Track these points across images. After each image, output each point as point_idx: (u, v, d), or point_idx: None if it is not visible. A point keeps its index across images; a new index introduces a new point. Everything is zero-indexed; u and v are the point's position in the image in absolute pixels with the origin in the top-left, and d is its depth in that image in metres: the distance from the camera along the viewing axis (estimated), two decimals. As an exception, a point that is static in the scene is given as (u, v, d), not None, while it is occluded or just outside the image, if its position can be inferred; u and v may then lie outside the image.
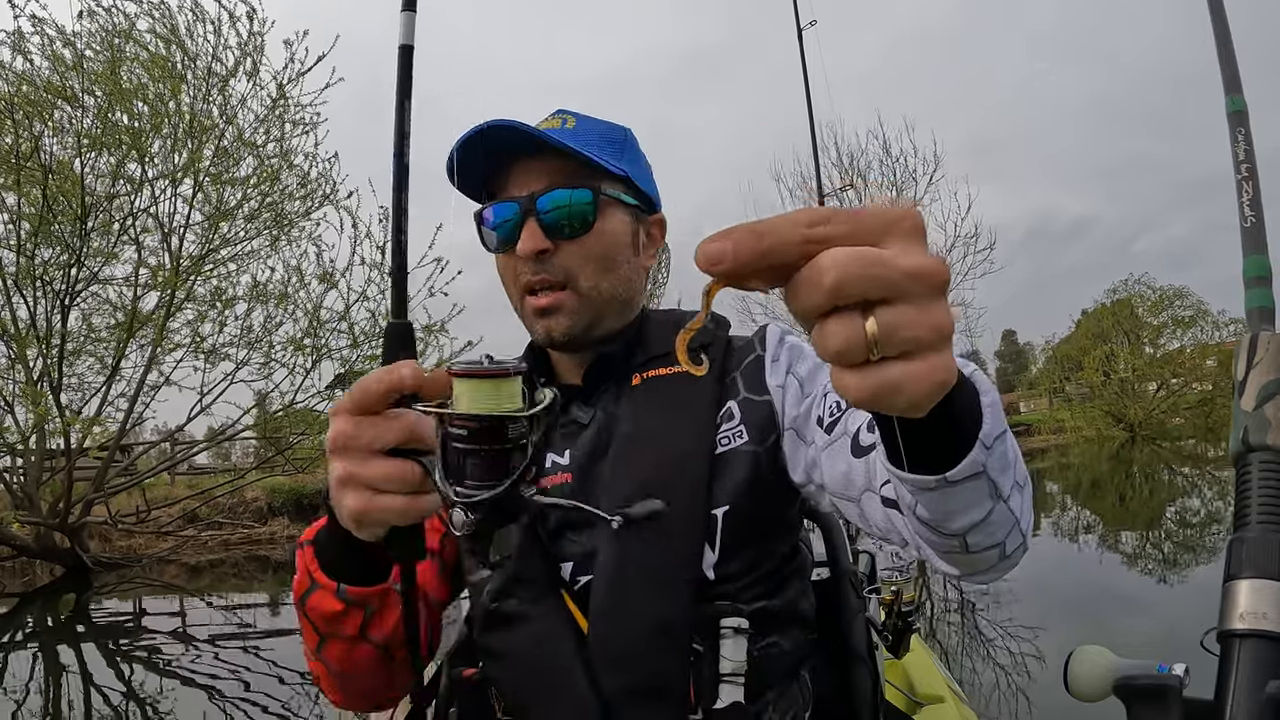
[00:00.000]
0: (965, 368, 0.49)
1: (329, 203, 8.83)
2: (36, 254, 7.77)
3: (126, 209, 8.30)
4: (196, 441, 11.05)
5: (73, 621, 6.42)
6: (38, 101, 7.32)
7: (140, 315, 8.34)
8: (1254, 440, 0.66)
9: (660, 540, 0.75)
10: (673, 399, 0.83)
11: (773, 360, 0.84)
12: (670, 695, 0.73)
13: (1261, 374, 0.68)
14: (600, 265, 0.84)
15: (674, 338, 0.87)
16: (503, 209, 0.83)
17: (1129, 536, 6.74)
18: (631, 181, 0.87)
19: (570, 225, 0.82)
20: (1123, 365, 25.61)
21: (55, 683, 4.49)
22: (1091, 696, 0.64)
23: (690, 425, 0.81)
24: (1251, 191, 0.77)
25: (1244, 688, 0.57)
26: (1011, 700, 2.98)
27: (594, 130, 0.87)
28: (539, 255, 0.81)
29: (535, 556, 0.79)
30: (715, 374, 0.84)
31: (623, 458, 0.80)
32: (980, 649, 3.59)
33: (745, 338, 0.90)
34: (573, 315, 0.83)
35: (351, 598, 0.70)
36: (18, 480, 8.56)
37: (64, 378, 8.49)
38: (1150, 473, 13.45)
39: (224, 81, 8.29)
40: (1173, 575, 5.04)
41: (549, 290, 0.82)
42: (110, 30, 7.73)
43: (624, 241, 0.87)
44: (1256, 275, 0.75)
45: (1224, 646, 0.60)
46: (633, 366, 0.87)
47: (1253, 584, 0.60)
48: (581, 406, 0.87)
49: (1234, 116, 0.80)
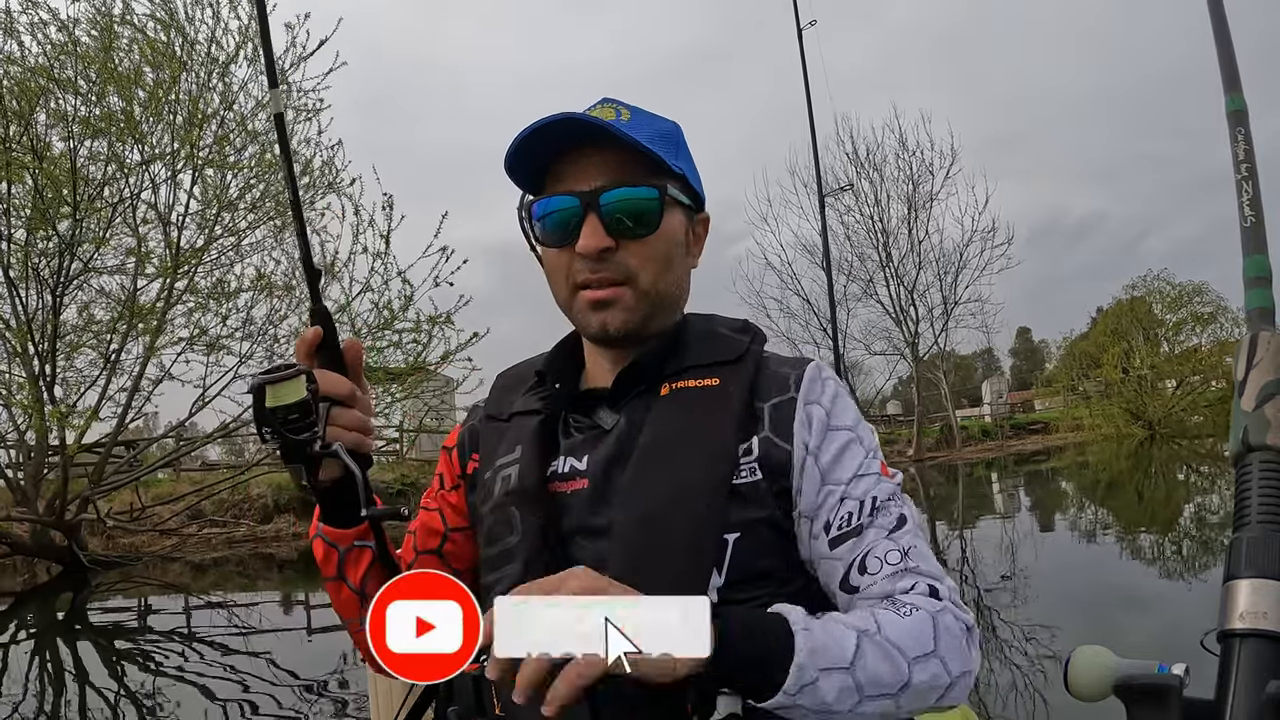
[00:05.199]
0: (798, 624, 0.63)
1: (333, 191, 8.59)
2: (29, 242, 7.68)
3: (119, 195, 8.12)
4: (198, 437, 10.79)
5: (69, 621, 6.40)
6: (25, 84, 7.19)
7: (140, 307, 8.20)
8: (1254, 440, 0.67)
9: (670, 555, 0.75)
10: (699, 415, 0.82)
11: (805, 409, 0.82)
12: (667, 703, 0.72)
13: (1261, 374, 0.69)
14: (660, 265, 0.83)
15: (711, 349, 0.87)
16: (560, 202, 0.81)
17: (1147, 536, 6.67)
18: (685, 179, 0.85)
19: (635, 224, 0.80)
20: (1138, 362, 25.36)
21: (49, 682, 4.49)
22: (1091, 696, 0.65)
23: (711, 443, 0.80)
24: (1251, 191, 0.77)
25: (1244, 688, 0.57)
26: (1028, 701, 2.97)
27: (650, 124, 0.85)
28: (601, 254, 0.80)
29: (546, 554, 0.79)
30: (743, 395, 0.83)
31: (641, 469, 0.79)
32: (996, 649, 3.58)
33: (783, 360, 0.88)
34: (629, 311, 0.82)
35: (326, 537, 0.83)
36: (15, 477, 8.43)
37: (60, 371, 8.37)
38: (1168, 471, 13.30)
39: (224, 68, 8.09)
40: (1191, 575, 4.99)
41: (607, 285, 0.81)
42: (104, 13, 7.55)
43: (680, 241, 0.86)
44: (1256, 275, 0.75)
45: (1224, 646, 0.60)
46: (664, 375, 0.85)
47: (1253, 584, 0.61)
48: (607, 412, 0.86)
49: (1233, 116, 0.80)
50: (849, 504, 0.77)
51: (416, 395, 9.43)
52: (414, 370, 8.45)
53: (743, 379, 0.84)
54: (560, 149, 0.82)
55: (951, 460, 21.95)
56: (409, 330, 8.20)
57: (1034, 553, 6.19)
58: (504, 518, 0.83)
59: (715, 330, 0.91)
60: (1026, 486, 13.08)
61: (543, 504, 0.82)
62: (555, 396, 0.90)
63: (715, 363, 0.86)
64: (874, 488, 0.79)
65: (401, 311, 8.13)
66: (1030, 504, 10.43)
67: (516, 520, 0.82)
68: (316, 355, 0.79)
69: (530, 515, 0.81)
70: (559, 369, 0.92)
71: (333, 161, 8.63)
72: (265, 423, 0.73)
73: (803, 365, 0.86)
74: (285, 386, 0.72)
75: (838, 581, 0.76)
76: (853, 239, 23.09)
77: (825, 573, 0.77)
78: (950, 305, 23.26)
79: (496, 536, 0.84)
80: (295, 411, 0.73)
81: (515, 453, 0.87)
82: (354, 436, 0.79)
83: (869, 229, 23.05)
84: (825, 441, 0.80)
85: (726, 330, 0.91)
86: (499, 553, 0.83)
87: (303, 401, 0.73)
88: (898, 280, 23.22)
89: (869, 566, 0.74)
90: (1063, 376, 31.49)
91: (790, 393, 0.83)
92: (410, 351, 8.25)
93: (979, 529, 7.94)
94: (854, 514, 0.77)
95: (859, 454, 0.81)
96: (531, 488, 0.83)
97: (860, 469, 0.80)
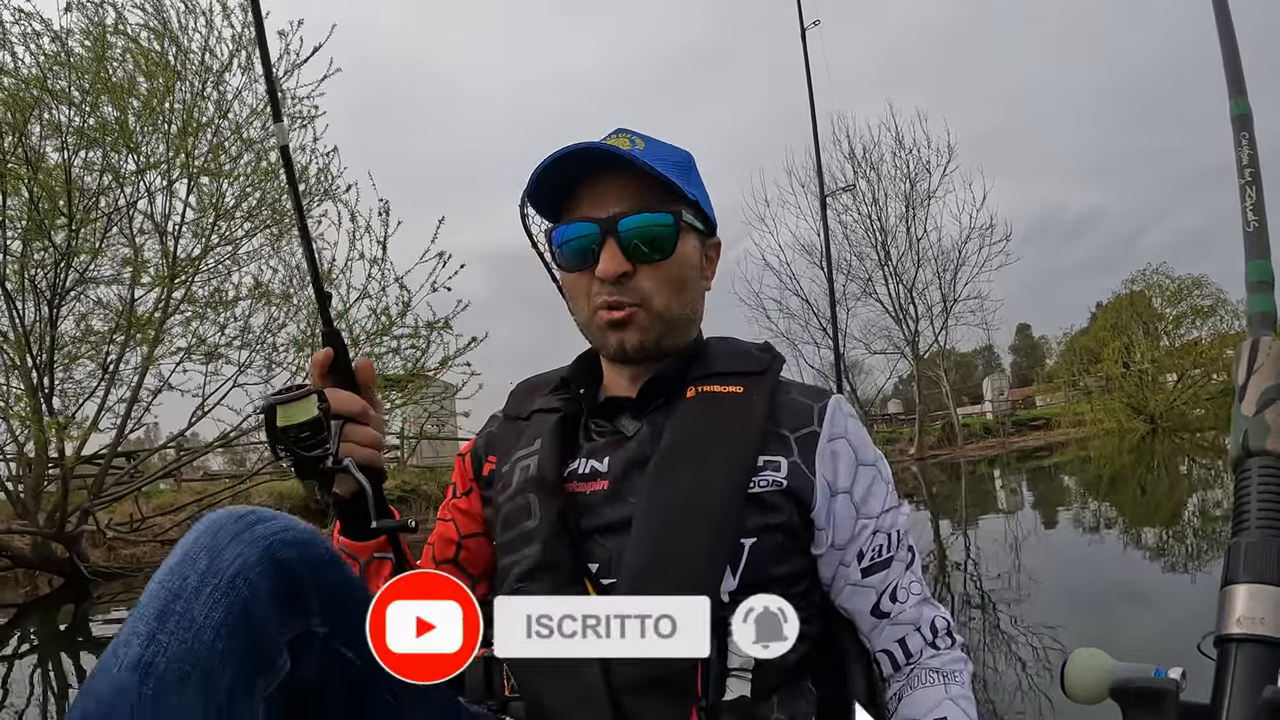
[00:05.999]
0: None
1: (329, 197, 8.55)
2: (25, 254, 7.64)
3: (114, 204, 8.07)
4: (198, 447, 10.84)
5: (72, 633, 6.37)
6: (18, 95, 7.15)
7: (138, 318, 8.18)
8: (1254, 445, 0.67)
9: (687, 555, 0.76)
10: (722, 418, 0.85)
11: (830, 445, 0.88)
12: (678, 686, 0.74)
13: (1262, 379, 0.69)
14: (674, 288, 0.87)
15: (735, 361, 0.93)
16: (580, 229, 0.85)
17: (1150, 531, 6.67)
18: (699, 205, 0.89)
19: (651, 249, 0.84)
20: (1139, 356, 25.37)
21: (53, 694, 4.49)
22: (1087, 699, 0.65)
23: (734, 447, 0.83)
24: (1255, 196, 0.77)
25: (1240, 692, 0.57)
26: (1035, 700, 2.96)
27: (663, 153, 0.89)
28: (619, 278, 0.84)
29: (564, 546, 0.81)
30: (766, 406, 0.87)
31: (662, 470, 0.82)
32: (1001, 647, 3.57)
33: (805, 388, 0.93)
34: (644, 331, 0.86)
35: (347, 550, 0.85)
36: (16, 490, 8.38)
37: (59, 383, 8.33)
38: (1170, 465, 13.29)
39: (218, 76, 8.08)
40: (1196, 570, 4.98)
41: (623, 307, 0.86)
42: (97, 23, 7.51)
43: (695, 264, 0.90)
44: (1259, 280, 0.75)
45: (1221, 651, 0.61)
46: (688, 380, 0.89)
47: (1250, 589, 0.61)
48: (630, 419, 0.90)
49: (1238, 120, 0.80)
50: (880, 537, 0.88)
51: (416, 402, 9.42)
52: (413, 376, 8.43)
53: (765, 391, 0.88)
54: (578, 177, 0.86)
55: (954, 458, 21.93)
56: (407, 336, 8.19)
57: (1037, 549, 6.18)
58: (522, 504, 0.85)
59: (737, 347, 0.96)
60: (1029, 483, 13.08)
61: (560, 495, 0.84)
62: (577, 399, 0.94)
63: (739, 372, 0.91)
64: (898, 521, 0.90)
65: (399, 317, 8.12)
66: (1033, 500, 10.42)
67: (535, 505, 0.84)
68: (330, 375, 0.83)
69: (548, 502, 0.83)
70: (582, 378, 0.96)
71: (329, 168, 8.64)
72: (278, 441, 0.75)
73: (824, 398, 0.91)
74: (295, 406, 0.75)
75: (869, 606, 0.88)
76: (851, 238, 23.11)
77: (852, 596, 0.88)
78: (950, 303, 23.25)
79: (514, 521, 0.86)
80: (307, 430, 0.76)
81: (535, 445, 0.90)
82: (367, 453, 0.82)
83: (867, 228, 23.07)
84: (857, 478, 0.88)
85: (749, 348, 0.97)
86: (517, 535, 0.85)
87: (314, 420, 0.76)
88: (897, 279, 23.23)
89: (899, 597, 0.87)
90: (1063, 372, 31.51)
91: (814, 426, 0.88)
92: (409, 358, 8.24)
93: (982, 526, 7.93)
94: (884, 547, 0.88)
95: (884, 488, 0.90)
96: (550, 477, 0.85)
97: (887, 504, 0.89)
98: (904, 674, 0.86)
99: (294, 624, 0.64)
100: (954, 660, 0.85)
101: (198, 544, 0.61)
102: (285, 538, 0.63)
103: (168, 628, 0.55)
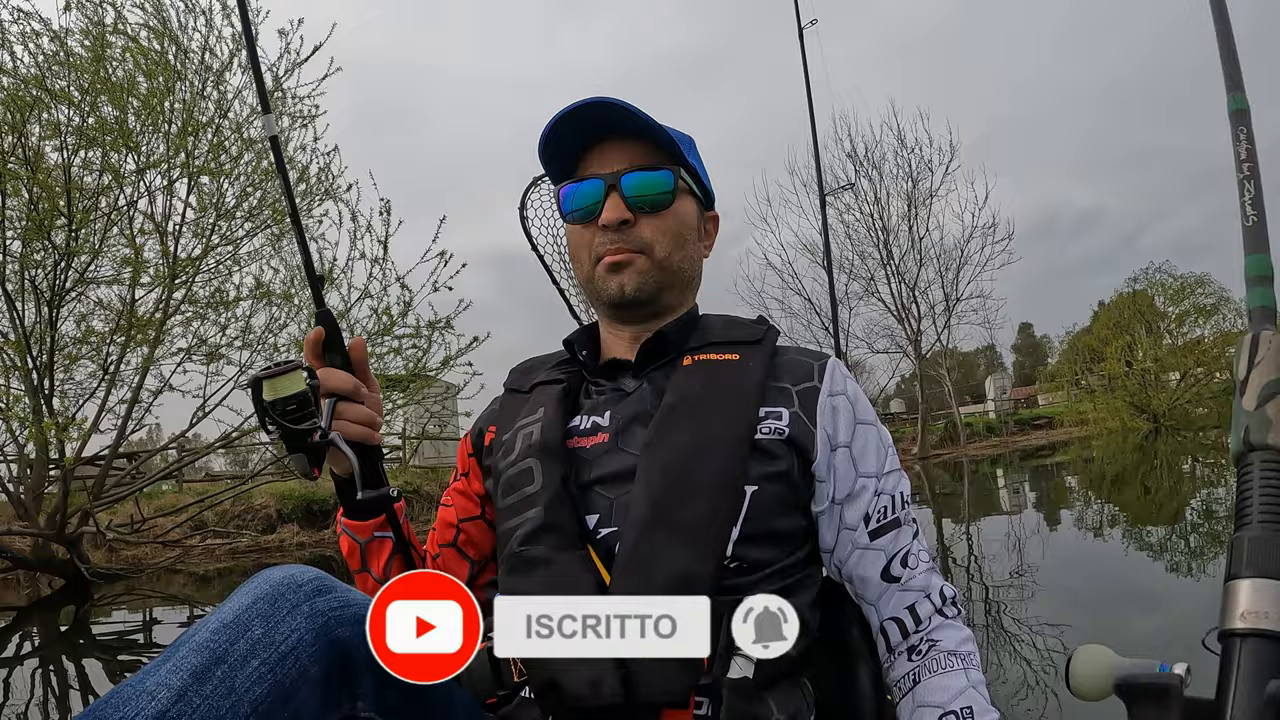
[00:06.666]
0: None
1: (330, 197, 8.59)
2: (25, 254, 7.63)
3: (114, 204, 8.07)
4: (200, 448, 10.80)
5: (73, 634, 6.37)
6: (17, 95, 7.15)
7: (138, 318, 8.18)
8: (1255, 440, 0.67)
9: (692, 501, 0.77)
10: (721, 378, 0.87)
11: (830, 399, 0.88)
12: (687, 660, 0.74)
13: (1263, 373, 0.69)
14: (674, 240, 0.91)
15: (730, 332, 0.94)
16: (586, 185, 0.89)
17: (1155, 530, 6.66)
18: (698, 176, 0.94)
19: (651, 202, 0.89)
20: (1142, 355, 25.34)
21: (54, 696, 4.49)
22: (1092, 696, 0.65)
23: (734, 403, 0.84)
24: (1253, 190, 0.77)
25: (1244, 687, 0.57)
26: (1041, 699, 2.96)
27: (667, 129, 0.92)
28: (620, 225, 0.88)
29: (566, 507, 0.81)
30: (762, 371, 0.89)
31: (665, 424, 0.83)
32: (1006, 645, 3.57)
33: (802, 350, 0.95)
34: (643, 274, 0.90)
35: (349, 530, 0.88)
36: (16, 491, 8.39)
37: (59, 384, 8.32)
38: (1173, 463, 13.27)
39: (218, 75, 8.08)
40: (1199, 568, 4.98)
41: (624, 252, 0.89)
42: (97, 23, 7.52)
43: (692, 224, 0.94)
44: (1258, 274, 0.75)
45: (1225, 646, 0.60)
46: (685, 349, 0.92)
47: (1254, 583, 0.61)
48: (630, 379, 0.92)
49: (1235, 115, 0.80)
50: (884, 498, 0.87)
51: (418, 402, 9.42)
52: (414, 377, 8.43)
53: (761, 358, 0.90)
54: (586, 143, 0.91)
55: (957, 457, 21.91)
56: (409, 335, 8.19)
57: (1041, 548, 6.17)
58: (525, 469, 0.87)
59: (734, 320, 0.98)
60: (1032, 481, 13.06)
61: (562, 456, 0.86)
62: (578, 370, 0.96)
63: (735, 342, 0.93)
64: (900, 483, 0.90)
65: (401, 317, 8.12)
66: (1036, 499, 10.41)
67: (537, 470, 0.85)
68: (324, 355, 0.85)
69: (551, 466, 0.85)
70: (583, 343, 0.99)
71: (329, 167, 8.63)
72: (265, 414, 0.77)
73: (824, 358, 0.93)
74: (282, 380, 0.77)
75: (879, 570, 0.86)
76: (853, 237, 23.08)
77: (861, 560, 0.87)
78: (952, 302, 23.22)
79: (517, 485, 0.87)
80: (293, 403, 0.77)
81: (538, 414, 0.91)
82: (360, 430, 0.83)
83: (869, 227, 23.04)
84: (855, 434, 0.88)
85: (744, 321, 0.99)
86: (519, 500, 0.85)
87: (301, 394, 0.77)
88: (899, 278, 23.20)
89: (909, 562, 0.86)
90: (1066, 371, 31.46)
91: (814, 381, 0.89)
92: (410, 358, 8.24)
93: (985, 525, 7.93)
94: (888, 508, 0.87)
95: (884, 448, 0.90)
96: (553, 441, 0.86)
97: (888, 464, 0.89)
98: (919, 652, 0.83)
99: (337, 709, 0.62)
100: (966, 640, 0.84)
101: (255, 609, 0.59)
102: (345, 615, 0.62)
103: (203, 690, 0.53)
